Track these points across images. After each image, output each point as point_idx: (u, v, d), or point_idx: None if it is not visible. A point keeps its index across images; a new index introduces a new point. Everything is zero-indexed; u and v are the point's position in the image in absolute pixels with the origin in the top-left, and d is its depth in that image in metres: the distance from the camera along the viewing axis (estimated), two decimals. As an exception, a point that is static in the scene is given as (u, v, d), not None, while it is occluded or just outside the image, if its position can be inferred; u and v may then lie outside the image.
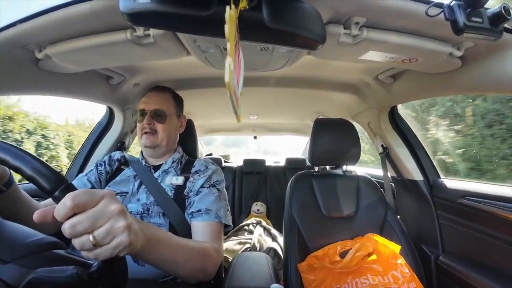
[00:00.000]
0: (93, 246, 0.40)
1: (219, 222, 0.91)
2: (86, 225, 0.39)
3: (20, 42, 0.76)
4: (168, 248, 0.62)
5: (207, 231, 0.88)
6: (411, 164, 1.43)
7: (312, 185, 1.34)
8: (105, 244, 0.41)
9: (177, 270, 0.68)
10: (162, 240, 0.60)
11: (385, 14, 0.66)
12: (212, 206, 0.92)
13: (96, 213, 0.41)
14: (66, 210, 0.38)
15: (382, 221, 1.25)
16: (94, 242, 0.40)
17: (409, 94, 1.22)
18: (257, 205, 2.63)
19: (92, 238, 0.40)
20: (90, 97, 1.25)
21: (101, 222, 0.41)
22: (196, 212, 0.90)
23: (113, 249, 0.42)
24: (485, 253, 1.09)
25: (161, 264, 0.62)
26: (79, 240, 0.40)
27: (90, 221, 0.40)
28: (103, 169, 1.05)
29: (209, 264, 0.78)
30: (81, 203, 0.39)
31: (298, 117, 2.47)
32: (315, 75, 1.34)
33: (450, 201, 1.24)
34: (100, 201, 0.42)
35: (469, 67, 0.85)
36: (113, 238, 0.42)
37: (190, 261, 0.70)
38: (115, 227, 0.42)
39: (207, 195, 0.94)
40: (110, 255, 0.42)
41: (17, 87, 0.91)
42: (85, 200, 0.40)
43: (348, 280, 1.01)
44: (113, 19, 0.69)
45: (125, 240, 0.43)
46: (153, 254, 0.57)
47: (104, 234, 0.41)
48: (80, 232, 0.39)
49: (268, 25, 0.45)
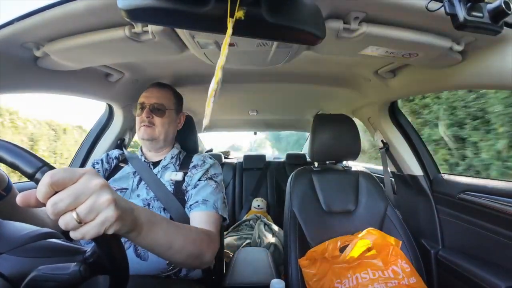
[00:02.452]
0: (77, 224, 0.38)
1: (217, 213, 0.92)
2: (67, 202, 0.38)
3: (18, 41, 0.76)
4: (164, 232, 0.60)
5: (204, 219, 0.88)
6: (411, 159, 1.43)
7: (312, 181, 1.34)
8: (90, 221, 0.39)
9: (173, 255, 0.66)
10: (157, 223, 0.58)
11: (384, 8, 0.65)
12: (210, 197, 0.93)
13: (77, 189, 0.39)
14: (46, 188, 0.37)
15: (382, 216, 1.25)
16: (78, 220, 0.38)
17: (409, 89, 1.21)
18: (257, 201, 2.64)
19: (75, 215, 0.38)
20: (90, 94, 1.24)
21: (83, 198, 0.39)
22: (194, 204, 0.92)
23: (100, 225, 0.40)
24: (485, 247, 1.09)
25: (156, 248, 0.60)
26: (62, 218, 0.38)
27: (71, 198, 0.38)
28: (100, 167, 1.06)
29: (206, 252, 0.76)
30: (60, 180, 0.38)
31: (298, 113, 2.47)
32: (314, 71, 1.34)
33: (450, 196, 1.24)
34: (80, 177, 0.40)
35: (469, 62, 0.85)
36: (97, 213, 0.40)
37: (187, 246, 0.69)
38: (98, 202, 0.40)
39: (205, 187, 0.96)
40: (98, 232, 0.40)
41: (16, 85, 0.91)
42: (64, 177, 0.38)
43: (349, 275, 1.01)
44: (111, 16, 0.68)
45: (110, 215, 0.41)
46: (148, 237, 0.55)
47: (88, 210, 0.39)
48: (62, 210, 0.38)
49: (267, 20, 0.44)
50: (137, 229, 0.51)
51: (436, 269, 1.27)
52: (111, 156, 1.11)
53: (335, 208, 1.29)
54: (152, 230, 0.56)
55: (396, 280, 0.98)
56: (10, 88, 0.90)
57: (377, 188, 1.33)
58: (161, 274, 0.88)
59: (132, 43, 0.77)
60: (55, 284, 0.41)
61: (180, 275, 0.92)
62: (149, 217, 0.55)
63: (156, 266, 0.87)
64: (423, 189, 1.39)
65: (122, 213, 0.43)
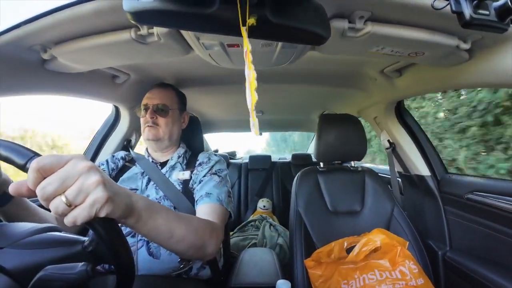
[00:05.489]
0: (67, 207, 0.38)
1: (221, 205, 0.91)
2: (55, 185, 0.38)
3: (25, 43, 0.77)
4: (164, 220, 0.59)
5: (208, 211, 0.88)
6: (418, 159, 1.41)
7: (318, 181, 1.34)
8: (80, 204, 0.39)
9: (175, 245, 0.64)
10: (157, 211, 0.58)
11: (390, 7, 0.65)
12: (213, 190, 0.94)
13: (64, 173, 0.39)
14: (34, 174, 0.37)
15: (389, 217, 1.24)
16: (67, 203, 0.38)
17: (416, 88, 1.20)
18: (263, 202, 2.64)
19: (64, 198, 0.38)
20: (96, 96, 1.26)
21: (71, 180, 0.39)
22: (199, 198, 0.93)
23: (90, 207, 0.39)
24: (493, 249, 1.07)
25: (157, 237, 0.59)
26: (52, 203, 0.38)
27: (59, 181, 0.38)
28: (105, 167, 1.07)
29: (209, 242, 0.74)
30: (47, 165, 0.38)
31: (303, 113, 2.46)
32: (320, 70, 1.33)
33: (458, 197, 1.22)
34: (68, 162, 0.40)
35: (476, 60, 0.83)
36: (86, 195, 0.40)
37: (189, 236, 0.67)
38: (87, 184, 0.40)
39: (208, 182, 0.97)
40: (89, 215, 0.39)
41: (24, 88, 0.92)
42: (51, 161, 0.38)
43: (356, 276, 1.00)
44: (117, 19, 0.69)
45: (100, 196, 0.40)
46: (148, 225, 0.55)
47: (76, 192, 0.39)
48: (51, 194, 0.38)
49: (272, 20, 0.44)
50: (135, 215, 0.50)
51: (443, 271, 1.25)
52: (117, 157, 1.12)
53: (341, 209, 1.28)
54: (152, 217, 0.55)
55: (403, 281, 0.97)
56: (18, 91, 0.91)
57: (384, 188, 1.32)
58: (172, 273, 0.88)
59: (138, 45, 0.77)
60: (63, 284, 0.41)
61: (190, 274, 0.93)
62: (148, 205, 0.55)
63: (168, 265, 0.88)
64: (430, 190, 1.37)
65: (114, 195, 0.43)
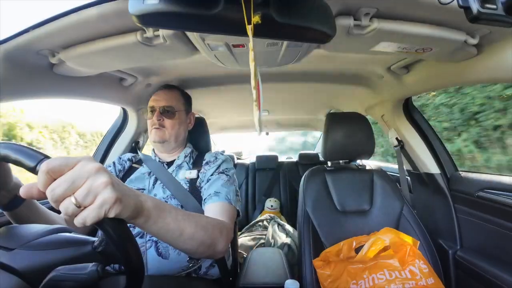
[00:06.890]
0: (77, 208, 0.39)
1: (230, 204, 0.92)
2: (64, 187, 0.38)
3: (34, 48, 0.78)
4: (173, 218, 0.59)
5: (217, 210, 0.88)
6: (427, 157, 1.39)
7: (325, 180, 1.33)
8: (90, 205, 0.40)
9: (185, 243, 0.64)
10: (166, 209, 0.58)
11: (396, 3, 0.64)
12: (221, 189, 0.94)
13: (73, 174, 0.39)
14: (44, 176, 0.38)
15: (398, 216, 1.22)
16: (77, 204, 0.39)
17: (423, 85, 1.18)
18: (270, 201, 2.64)
19: (73, 199, 0.39)
20: (104, 99, 1.28)
21: (80, 182, 0.40)
22: (207, 197, 0.93)
23: (99, 208, 0.40)
24: (505, 248, 1.05)
25: (167, 235, 0.59)
26: (62, 204, 0.39)
27: (68, 182, 0.39)
28: (112, 169, 1.08)
29: (219, 240, 0.74)
30: (57, 167, 0.39)
31: (310, 112, 2.45)
32: (326, 69, 1.33)
33: (468, 194, 1.20)
34: (77, 163, 0.41)
35: (484, 55, 0.82)
36: (95, 196, 0.40)
37: (198, 233, 0.67)
38: (95, 185, 0.40)
39: (216, 181, 0.97)
40: (98, 216, 0.40)
41: (33, 92, 0.94)
42: (60, 163, 0.39)
43: (365, 276, 0.99)
44: (123, 22, 0.70)
45: (108, 196, 0.41)
46: (158, 224, 0.55)
47: (85, 193, 0.39)
48: (61, 196, 0.38)
49: (277, 20, 0.44)
50: (144, 215, 0.51)
51: (454, 270, 1.23)
52: (123, 159, 1.14)
53: (349, 208, 1.27)
54: (161, 216, 0.55)
55: (413, 281, 0.96)
56: (28, 94, 0.93)
57: (393, 187, 1.30)
58: (182, 273, 0.89)
59: (144, 47, 0.78)
60: (73, 284, 0.42)
61: (200, 272, 0.93)
62: (156, 204, 0.55)
63: (177, 264, 0.89)
64: (440, 188, 1.35)
65: (122, 195, 0.43)
